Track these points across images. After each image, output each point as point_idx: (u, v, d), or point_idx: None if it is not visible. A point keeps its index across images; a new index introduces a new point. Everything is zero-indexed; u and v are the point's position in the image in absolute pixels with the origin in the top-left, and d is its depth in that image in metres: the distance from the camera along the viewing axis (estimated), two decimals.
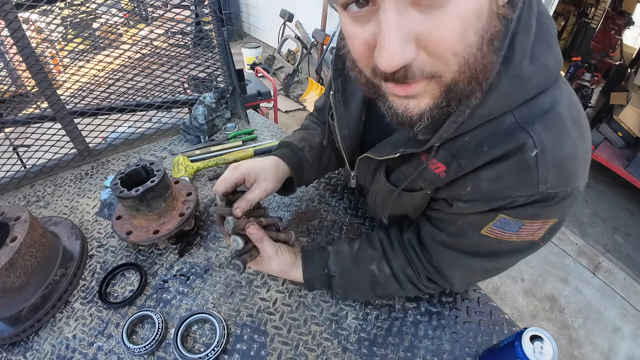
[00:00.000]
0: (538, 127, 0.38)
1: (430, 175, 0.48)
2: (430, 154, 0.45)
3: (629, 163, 2.51)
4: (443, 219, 0.53)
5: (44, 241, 0.65)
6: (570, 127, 0.39)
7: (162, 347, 0.60)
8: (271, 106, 2.62)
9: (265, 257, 0.60)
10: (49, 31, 0.89)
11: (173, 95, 1.13)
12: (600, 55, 4.52)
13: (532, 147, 0.38)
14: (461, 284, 0.60)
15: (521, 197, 0.41)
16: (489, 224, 0.46)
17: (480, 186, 0.43)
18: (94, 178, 0.98)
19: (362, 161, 0.58)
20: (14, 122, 0.92)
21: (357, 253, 0.64)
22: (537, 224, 0.44)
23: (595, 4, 4.50)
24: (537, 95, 0.38)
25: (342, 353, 0.61)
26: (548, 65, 0.38)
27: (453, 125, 0.40)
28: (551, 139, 0.38)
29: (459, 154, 0.43)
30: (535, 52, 0.37)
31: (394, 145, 0.49)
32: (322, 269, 0.63)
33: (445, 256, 0.54)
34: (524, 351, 0.49)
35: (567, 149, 0.39)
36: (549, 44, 0.38)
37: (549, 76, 0.38)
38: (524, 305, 1.89)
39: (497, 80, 0.36)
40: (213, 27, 1.05)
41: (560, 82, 0.40)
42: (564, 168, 0.39)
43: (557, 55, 0.39)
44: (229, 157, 1.01)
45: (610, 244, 2.29)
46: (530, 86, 0.38)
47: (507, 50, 0.35)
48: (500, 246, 0.48)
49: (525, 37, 0.36)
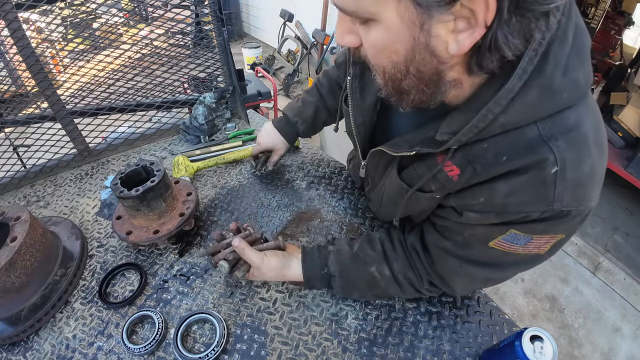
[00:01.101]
0: (561, 144, 0.37)
1: (443, 177, 0.47)
2: (446, 155, 0.44)
3: (629, 163, 2.51)
4: (450, 227, 0.52)
5: (44, 241, 0.65)
6: (592, 149, 0.38)
7: (162, 347, 0.60)
8: (271, 106, 2.61)
9: (254, 266, 0.62)
10: (49, 31, 0.89)
11: (173, 95, 1.13)
12: (600, 55, 4.51)
13: (552, 163, 0.37)
14: (463, 291, 0.60)
15: (535, 212, 0.40)
16: (499, 237, 0.45)
17: (494, 198, 0.42)
18: (94, 178, 0.98)
19: (375, 153, 0.58)
20: (14, 122, 0.92)
21: (356, 253, 0.64)
22: (545, 238, 0.43)
23: (595, 4, 4.50)
24: (564, 110, 0.37)
25: (342, 353, 0.61)
26: (579, 80, 0.36)
27: (474, 129, 0.39)
28: (572, 159, 0.37)
29: (475, 159, 0.42)
30: (569, 65, 0.35)
31: (410, 143, 0.48)
32: (322, 268, 0.63)
33: (449, 264, 0.54)
34: (524, 351, 0.49)
35: (587, 170, 0.38)
36: (582, 59, 0.36)
37: (579, 92, 0.37)
38: (524, 305, 1.89)
39: (526, 89, 0.35)
40: (213, 27, 1.05)
41: (588, 99, 0.39)
42: (580, 189, 0.38)
43: (588, 71, 0.38)
44: (229, 157, 1.01)
45: (610, 244, 2.29)
46: (560, 99, 0.36)
47: (541, 59, 0.34)
48: (505, 258, 0.48)
49: (560, 49, 0.34)
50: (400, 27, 0.33)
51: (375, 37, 0.36)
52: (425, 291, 0.61)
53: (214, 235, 0.67)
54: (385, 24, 0.34)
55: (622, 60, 4.28)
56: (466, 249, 0.51)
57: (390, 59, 0.37)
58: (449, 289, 0.58)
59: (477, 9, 0.29)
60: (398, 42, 0.35)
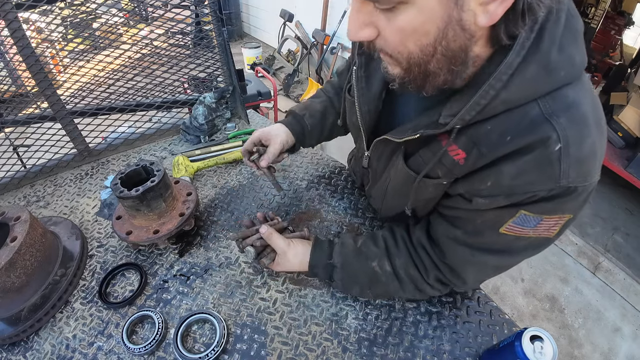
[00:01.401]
0: (563, 121, 0.38)
1: (449, 161, 0.47)
2: (449, 137, 0.45)
3: (629, 163, 2.51)
4: (461, 216, 0.52)
5: (44, 241, 0.65)
6: (593, 127, 0.39)
7: (162, 347, 0.60)
8: (271, 106, 2.61)
9: (280, 253, 0.65)
10: (49, 31, 0.89)
11: (173, 95, 1.13)
12: (600, 55, 4.52)
13: (556, 141, 0.38)
14: (474, 282, 0.59)
15: (542, 191, 0.41)
16: (509, 220, 0.46)
17: (502, 181, 0.43)
18: (94, 178, 0.98)
19: (379, 143, 0.58)
20: (14, 122, 0.92)
21: (360, 248, 0.65)
22: (554, 219, 0.44)
23: (595, 4, 4.50)
24: (562, 88, 0.39)
25: (342, 353, 0.61)
26: (575, 58, 0.38)
27: (476, 107, 0.40)
28: (574, 136, 0.38)
29: (480, 141, 0.43)
30: (564, 42, 0.37)
31: (415, 127, 0.48)
32: (328, 258, 0.65)
33: (460, 253, 0.54)
34: (524, 351, 0.49)
35: (588, 147, 0.39)
36: (576, 38, 0.38)
37: (575, 71, 0.39)
38: (524, 305, 1.89)
39: (524, 64, 0.37)
40: (213, 27, 1.05)
41: (584, 79, 0.41)
42: (584, 165, 0.40)
43: (582, 51, 0.39)
44: (229, 157, 1.01)
45: (610, 244, 2.29)
46: (557, 76, 0.38)
47: (537, 36, 0.36)
48: (516, 243, 0.49)
49: (554, 27, 0.36)
50: (434, 4, 0.33)
51: (405, 21, 0.35)
52: (428, 289, 0.61)
53: (244, 223, 0.71)
54: (418, 4, 0.33)
55: (622, 60, 4.28)
56: (477, 237, 0.51)
57: (419, 42, 0.36)
58: (459, 281, 0.58)
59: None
60: (430, 21, 0.34)
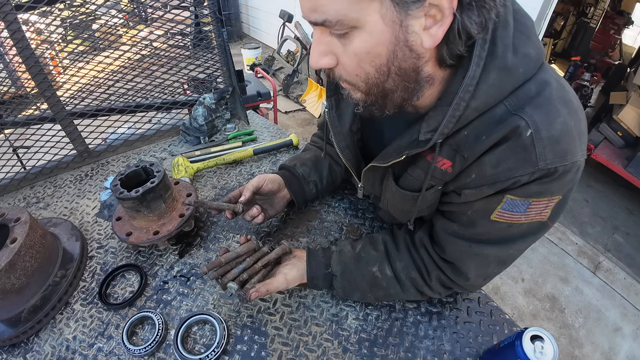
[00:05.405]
0: (528, 110, 0.41)
1: (439, 172, 0.50)
2: (434, 152, 0.47)
3: (628, 163, 2.51)
4: (454, 210, 0.54)
5: (43, 242, 0.65)
6: (560, 107, 0.41)
7: (163, 348, 0.60)
8: (271, 107, 2.62)
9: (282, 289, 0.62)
10: (48, 32, 0.89)
11: (173, 96, 1.13)
12: (599, 54, 4.52)
13: (525, 127, 0.40)
14: (477, 278, 0.58)
15: (523, 175, 0.43)
16: (498, 207, 0.47)
17: (484, 171, 0.45)
18: (93, 179, 0.98)
19: (368, 171, 0.61)
20: (13, 124, 0.92)
21: (359, 254, 0.64)
22: (542, 202, 0.45)
23: (595, 4, 4.51)
24: (524, 84, 0.42)
25: (343, 354, 0.61)
26: (530, 54, 0.41)
27: (452, 119, 0.42)
28: (542, 119, 0.41)
29: (461, 147, 0.46)
30: (517, 44, 0.40)
31: (397, 150, 0.51)
32: (326, 268, 0.64)
33: (458, 247, 0.55)
34: (525, 351, 0.49)
35: (559, 126, 0.41)
36: (528, 36, 0.41)
37: (532, 64, 0.42)
38: (525, 305, 1.89)
39: (485, 73, 0.40)
40: (212, 28, 1.05)
41: (544, 67, 0.43)
42: (559, 145, 0.41)
43: (537, 45, 0.42)
44: (229, 158, 1.01)
45: (611, 243, 2.29)
46: (517, 75, 0.41)
47: (490, 45, 0.39)
48: (511, 231, 0.50)
49: (504, 32, 0.40)
50: (382, 27, 0.36)
51: (358, 44, 0.39)
52: (428, 291, 0.61)
53: (220, 253, 0.65)
54: (368, 28, 0.37)
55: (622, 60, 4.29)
56: (472, 227, 0.52)
57: (374, 63, 0.40)
58: (461, 278, 0.57)
59: (443, 3, 0.34)
60: (381, 43, 0.38)
